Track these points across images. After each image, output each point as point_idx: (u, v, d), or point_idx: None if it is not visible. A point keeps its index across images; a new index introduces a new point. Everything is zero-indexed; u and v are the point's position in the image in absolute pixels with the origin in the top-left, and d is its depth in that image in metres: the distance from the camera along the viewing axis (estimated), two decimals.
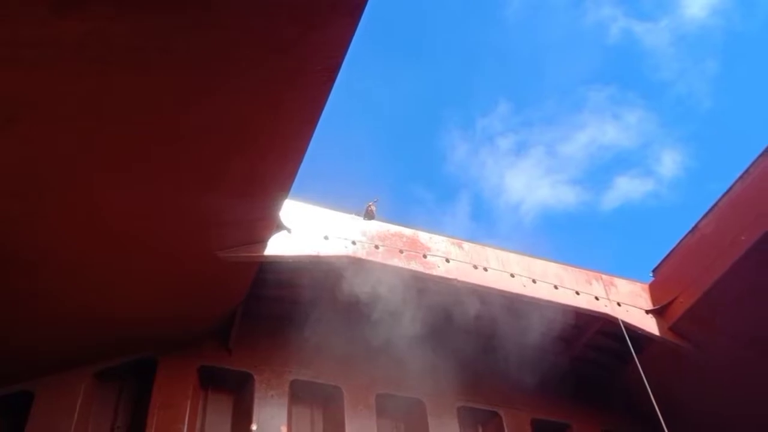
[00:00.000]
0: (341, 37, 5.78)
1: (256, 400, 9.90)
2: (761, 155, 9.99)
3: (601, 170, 23.62)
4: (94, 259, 7.72)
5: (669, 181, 23.21)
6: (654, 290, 11.72)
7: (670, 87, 24.49)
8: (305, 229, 9.69)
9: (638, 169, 24.29)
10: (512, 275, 10.86)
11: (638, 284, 11.95)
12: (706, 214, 10.84)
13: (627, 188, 22.25)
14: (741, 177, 10.27)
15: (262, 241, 9.03)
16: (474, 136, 22.00)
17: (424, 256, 10.45)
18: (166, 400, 9.38)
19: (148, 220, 7.52)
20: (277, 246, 9.22)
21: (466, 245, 10.99)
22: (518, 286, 10.76)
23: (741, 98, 24.46)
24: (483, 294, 10.60)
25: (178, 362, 9.75)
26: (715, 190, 10.59)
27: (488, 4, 23.83)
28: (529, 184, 19.59)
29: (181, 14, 4.99)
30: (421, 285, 10.29)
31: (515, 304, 10.75)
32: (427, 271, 10.30)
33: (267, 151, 7.17)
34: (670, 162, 22.64)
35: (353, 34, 5.80)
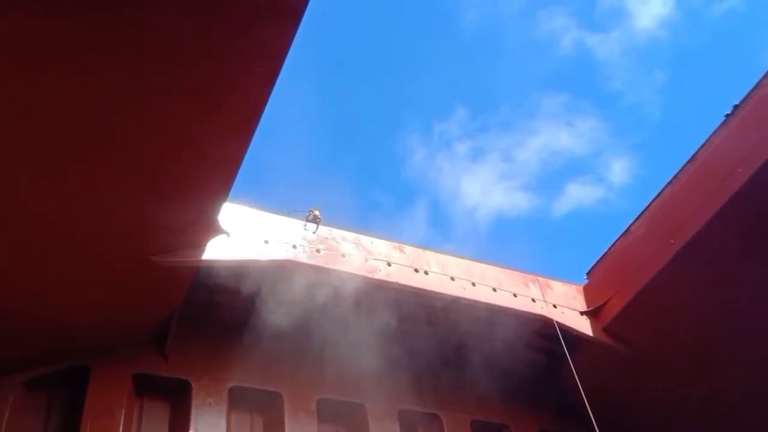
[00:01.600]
0: (280, 39, 5.75)
1: (193, 408, 9.70)
2: (688, 162, 10.34)
3: (554, 176, 24.25)
4: (23, 262, 7.44)
5: (618, 188, 24.02)
6: (588, 292, 11.97)
7: (622, 96, 25.44)
8: (245, 233, 9.56)
9: (589, 176, 25.11)
10: (452, 278, 10.98)
11: (573, 286, 12.20)
12: (638, 218, 11.09)
13: (578, 195, 22.97)
14: (670, 182, 10.55)
15: (200, 246, 8.88)
16: (432, 141, 22.34)
17: (366, 260, 10.46)
18: (100, 409, 9.10)
19: (80, 224, 7.31)
20: (215, 250, 9.08)
21: (408, 249, 11.06)
22: (458, 289, 10.89)
23: (687, 109, 25.58)
24: (424, 297, 10.68)
25: (112, 370, 9.46)
26: None
27: (445, 13, 24.26)
28: (485, 189, 20.07)
29: (112, 13, 4.87)
30: (363, 289, 10.29)
31: (455, 307, 10.86)
32: (369, 275, 10.32)
33: (205, 154, 7.06)
34: (619, 170, 23.53)
35: (293, 37, 5.77)
